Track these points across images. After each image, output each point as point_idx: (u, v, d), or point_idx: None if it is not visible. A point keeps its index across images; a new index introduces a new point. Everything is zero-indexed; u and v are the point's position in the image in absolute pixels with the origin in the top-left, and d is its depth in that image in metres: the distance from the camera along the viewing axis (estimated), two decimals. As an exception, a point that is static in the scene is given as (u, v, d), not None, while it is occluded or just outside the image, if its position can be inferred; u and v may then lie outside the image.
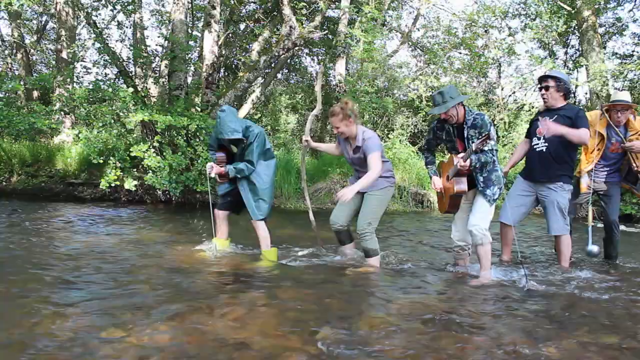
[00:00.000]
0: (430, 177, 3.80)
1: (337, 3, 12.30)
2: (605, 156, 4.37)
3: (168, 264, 3.81)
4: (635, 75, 12.55)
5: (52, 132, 9.74)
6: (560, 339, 2.38)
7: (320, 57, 15.06)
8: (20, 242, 4.48)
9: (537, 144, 4.09)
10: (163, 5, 14.32)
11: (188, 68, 9.85)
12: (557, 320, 2.71)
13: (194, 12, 12.51)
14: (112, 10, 12.50)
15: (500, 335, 2.40)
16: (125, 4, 9.03)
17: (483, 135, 3.28)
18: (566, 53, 14.17)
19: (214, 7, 9.16)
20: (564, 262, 4.12)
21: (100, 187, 7.58)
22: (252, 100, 13.18)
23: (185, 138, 7.58)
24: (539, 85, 4.13)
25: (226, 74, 13.67)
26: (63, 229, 5.40)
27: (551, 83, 3.99)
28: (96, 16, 12.57)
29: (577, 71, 13.94)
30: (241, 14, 13.27)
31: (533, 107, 13.32)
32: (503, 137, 12.93)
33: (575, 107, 4.25)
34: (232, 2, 11.77)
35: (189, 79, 10.07)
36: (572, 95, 14.39)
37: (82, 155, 8.21)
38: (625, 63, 12.68)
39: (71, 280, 3.20)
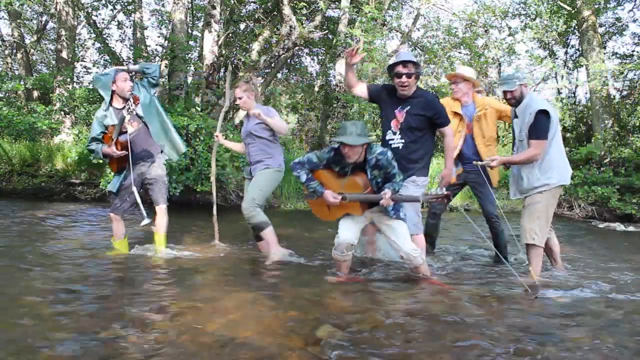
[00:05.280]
0: (322, 193, 3.30)
1: (337, 3, 12.30)
2: (466, 140, 4.10)
3: (168, 263, 3.82)
4: (635, 75, 12.55)
5: (52, 132, 9.73)
6: (560, 339, 2.38)
7: (320, 57, 15.06)
8: (19, 242, 4.49)
9: (392, 139, 3.53)
10: (163, 5, 14.30)
11: (188, 68, 9.85)
12: (556, 320, 2.71)
13: (194, 12, 12.51)
14: (112, 10, 12.54)
15: (501, 336, 2.40)
16: (125, 4, 9.04)
17: (440, 194, 3.15)
18: (566, 53, 14.17)
19: (214, 7, 9.16)
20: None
21: (100, 187, 7.59)
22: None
23: (185, 138, 7.58)
24: (398, 72, 3.42)
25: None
26: (62, 228, 5.40)
27: (412, 70, 3.43)
28: (96, 16, 12.60)
29: (577, 71, 13.95)
30: (241, 14, 13.26)
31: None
32: (503, 137, 12.93)
33: (425, 91, 3.72)
34: (232, 2, 11.77)
35: (189, 79, 10.07)
36: (572, 95, 14.38)
37: (82, 155, 8.21)
38: (625, 63, 12.68)
39: (70, 280, 3.21)
